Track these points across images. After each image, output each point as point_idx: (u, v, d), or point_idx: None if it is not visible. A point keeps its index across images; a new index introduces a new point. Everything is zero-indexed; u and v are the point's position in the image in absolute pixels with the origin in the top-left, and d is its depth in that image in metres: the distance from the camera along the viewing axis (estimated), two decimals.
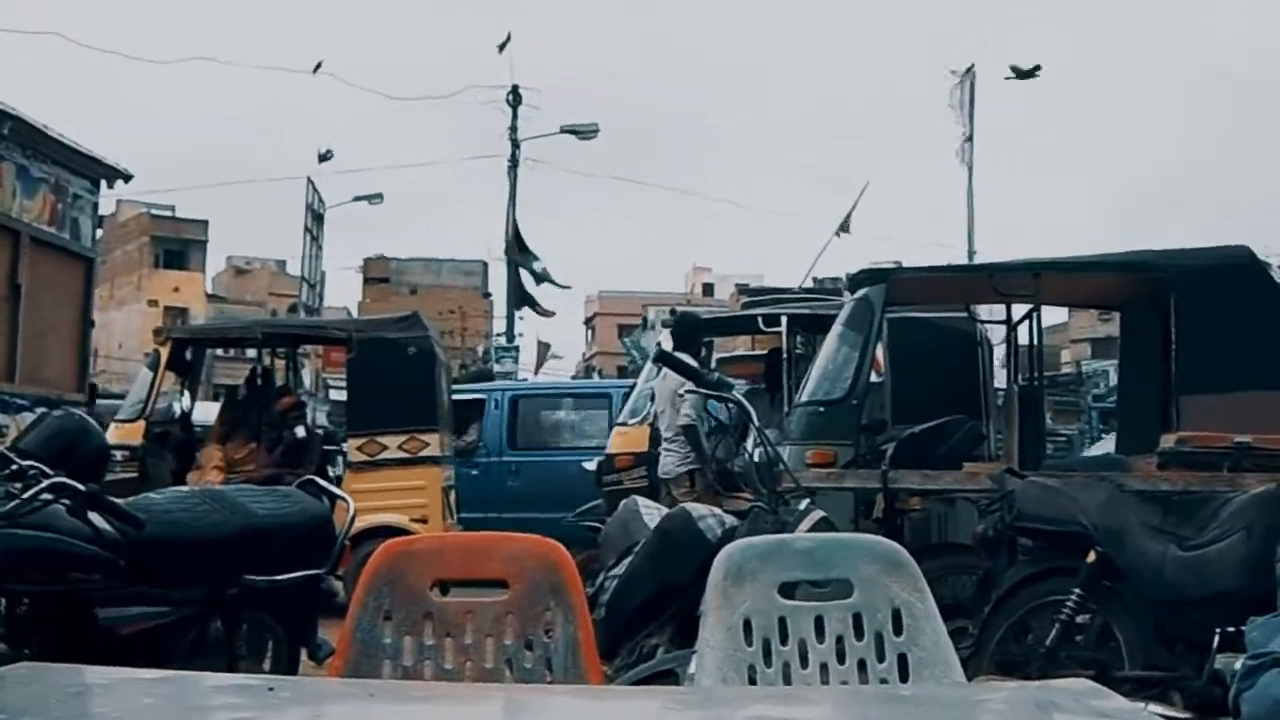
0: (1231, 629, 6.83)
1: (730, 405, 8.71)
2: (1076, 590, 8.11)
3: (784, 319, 15.64)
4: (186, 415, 16.80)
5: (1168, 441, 10.11)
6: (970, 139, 38.64)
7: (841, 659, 4.17)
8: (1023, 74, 40.77)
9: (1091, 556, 8.08)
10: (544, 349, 54.09)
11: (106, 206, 30.70)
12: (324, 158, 43.38)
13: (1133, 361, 13.22)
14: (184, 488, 10.65)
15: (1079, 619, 8.24)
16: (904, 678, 4.09)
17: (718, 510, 7.76)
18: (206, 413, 18.17)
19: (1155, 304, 11.48)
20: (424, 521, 14.85)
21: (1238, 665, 5.81)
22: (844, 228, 31.88)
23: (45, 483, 6.34)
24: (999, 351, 14.74)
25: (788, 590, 4.28)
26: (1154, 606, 7.96)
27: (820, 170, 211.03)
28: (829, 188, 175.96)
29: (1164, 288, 10.95)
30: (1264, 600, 5.98)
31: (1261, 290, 10.77)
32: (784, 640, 4.16)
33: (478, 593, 4.47)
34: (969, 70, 38.18)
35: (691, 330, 14.74)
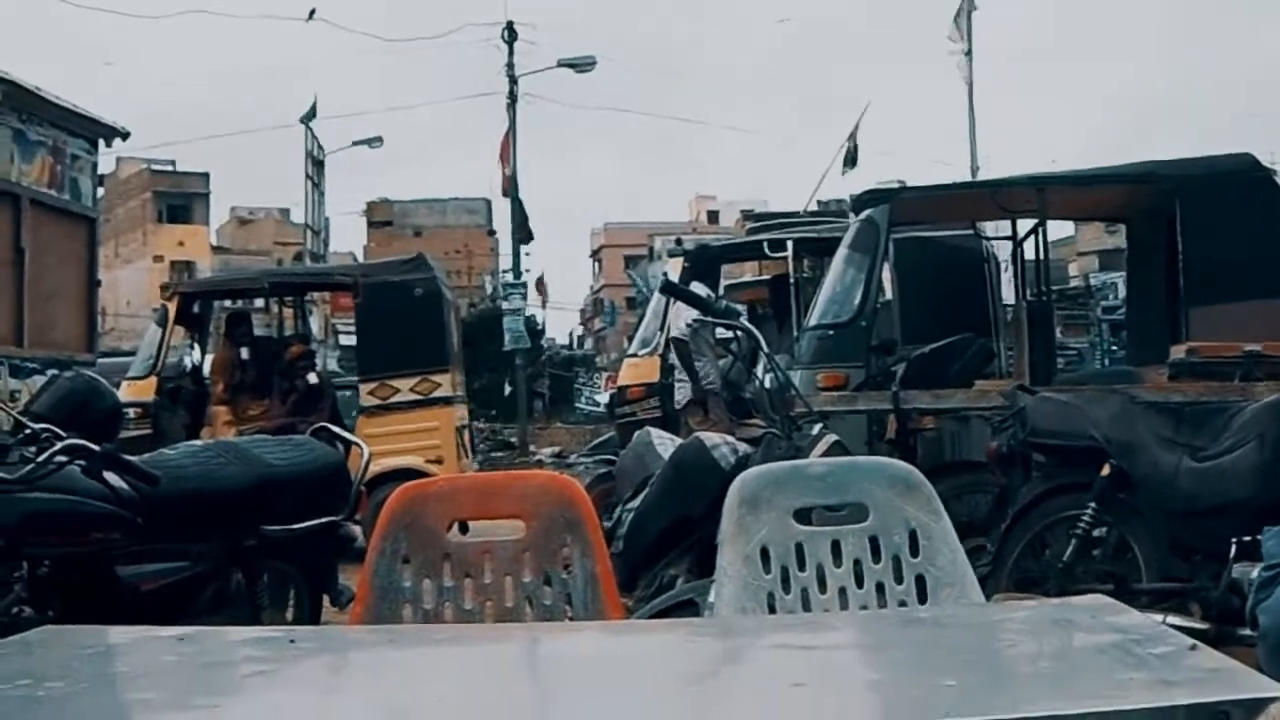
0: (1247, 538, 6.83)
1: (739, 332, 8.70)
2: (1092, 504, 8.11)
3: (790, 243, 15.62)
4: (197, 369, 16.81)
5: (1178, 352, 10.11)
6: (969, 53, 38.43)
7: (859, 582, 4.18)
8: None
9: (1106, 470, 8.07)
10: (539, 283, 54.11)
11: (106, 165, 30.73)
12: (308, 117, 43.10)
13: (1140, 273, 13.19)
14: (198, 442, 10.66)
15: (1095, 533, 8.24)
16: (922, 599, 4.10)
17: (731, 438, 7.78)
18: None
19: (1160, 215, 11.43)
20: (439, 462, 14.88)
21: (1254, 574, 5.82)
22: (851, 160, 31.78)
23: (59, 445, 6.35)
24: (1007, 267, 14.72)
25: (803, 516, 4.28)
26: (1169, 518, 7.96)
27: (821, 92, 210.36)
28: (831, 109, 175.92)
29: (1168, 198, 10.91)
30: (1278, 508, 5.98)
31: (1266, 197, 10.73)
32: (801, 566, 4.17)
33: (495, 531, 4.49)
34: None
35: (709, 261, 14.76)
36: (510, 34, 43.33)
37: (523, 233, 44.03)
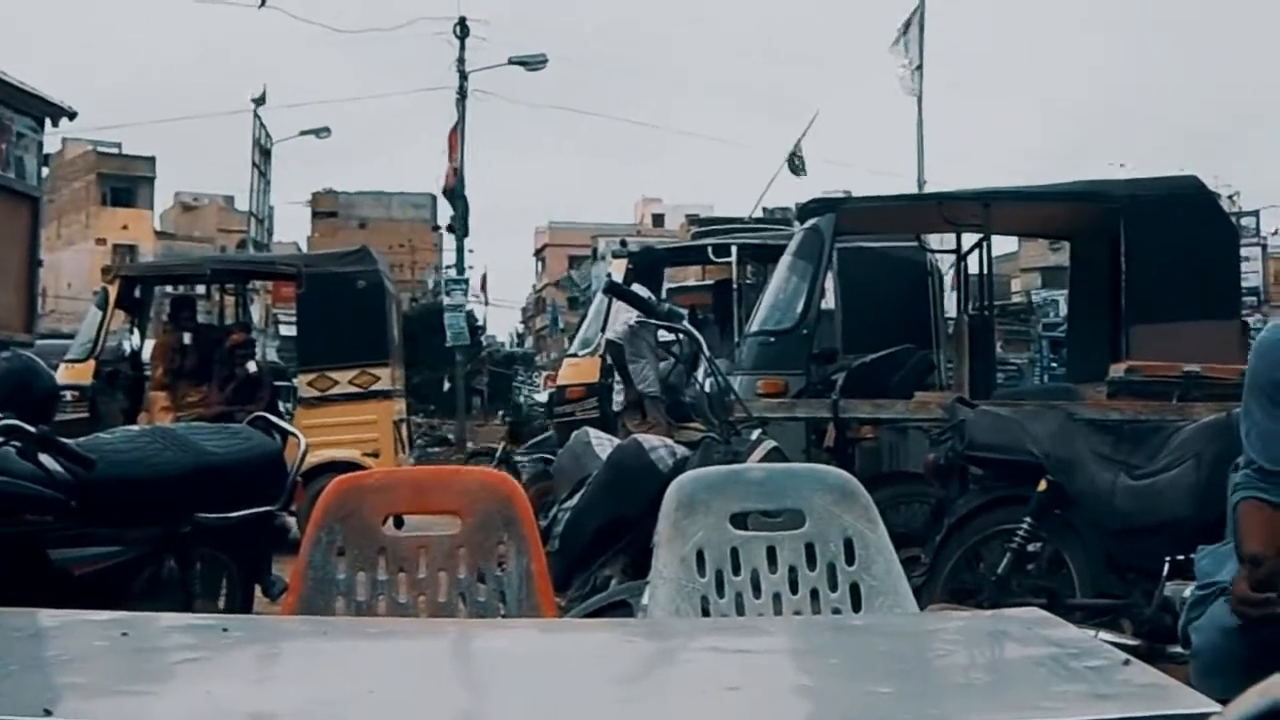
0: (1181, 557, 6.86)
1: (681, 336, 8.71)
2: (1028, 519, 8.14)
3: (734, 249, 15.68)
4: (136, 354, 16.75)
5: (1117, 370, 10.16)
6: (920, 68, 38.56)
7: (794, 589, 4.18)
8: None
9: (1043, 485, 8.09)
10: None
11: (51, 145, 30.51)
12: (258, 101, 43.00)
13: (1083, 291, 13.26)
14: (135, 427, 10.61)
15: (1030, 547, 8.27)
16: (856, 607, 4.10)
17: (669, 441, 7.78)
18: None
19: (1105, 233, 11.50)
20: (376, 456, 14.86)
21: (1187, 593, 5.83)
22: (798, 167, 31.82)
23: None
24: (949, 281, 14.79)
25: (740, 521, 4.28)
26: (1104, 534, 7.99)
27: (769, 100, 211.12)
28: (778, 117, 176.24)
29: (1113, 217, 10.98)
30: (1213, 528, 5.99)
31: (1210, 220, 10.83)
32: (736, 571, 4.17)
33: (431, 526, 4.48)
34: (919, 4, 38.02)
35: (653, 263, 14.77)
36: (462, 29, 43.27)
37: (464, 228, 43.97)
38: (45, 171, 22.48)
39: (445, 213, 52.75)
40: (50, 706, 2.39)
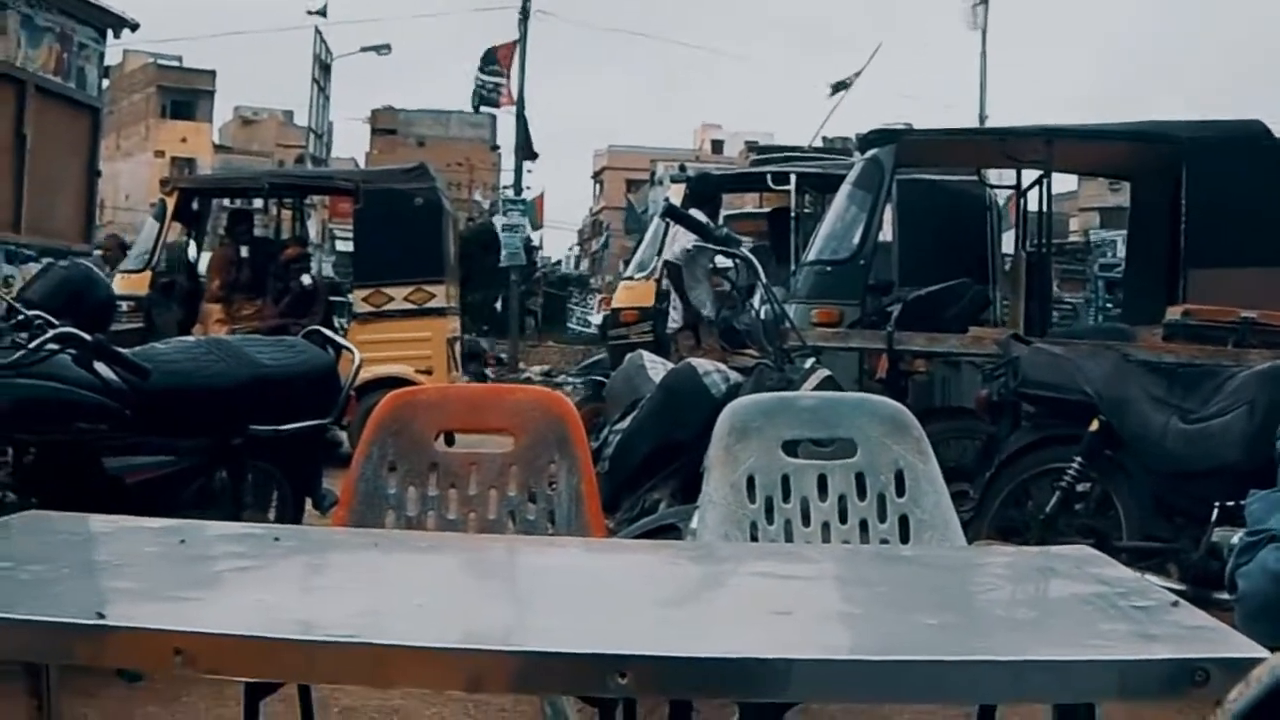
0: (1230, 503, 6.83)
1: (738, 261, 8.67)
2: (1078, 458, 8.10)
3: (793, 177, 15.61)
4: (193, 266, 16.79)
5: (1174, 314, 10.08)
6: (985, 2, 38.31)
7: (843, 518, 4.18)
8: None
9: (1094, 425, 8.05)
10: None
11: (113, 57, 30.56)
12: (318, 12, 43.08)
13: (1141, 232, 13.16)
14: (190, 338, 10.66)
15: (1079, 487, 8.24)
16: (905, 539, 4.10)
17: (723, 366, 7.75)
18: None
19: (1166, 175, 11.40)
20: (429, 373, 14.90)
21: (1235, 539, 5.81)
22: (843, 85, 31.70)
23: (51, 333, 6.35)
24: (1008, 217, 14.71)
25: (791, 448, 4.28)
26: (1154, 477, 7.95)
27: (832, 31, 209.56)
28: (841, 49, 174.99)
29: (1176, 159, 10.88)
30: (1264, 475, 5.97)
31: (1273, 165, 10.71)
32: (786, 498, 4.17)
33: (482, 444, 4.49)
34: None
35: (711, 189, 14.74)
36: None
37: (526, 150, 43.96)
38: (106, 83, 22.54)
39: (505, 133, 52.74)
40: (102, 610, 2.41)
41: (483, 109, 49.78)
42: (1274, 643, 2.21)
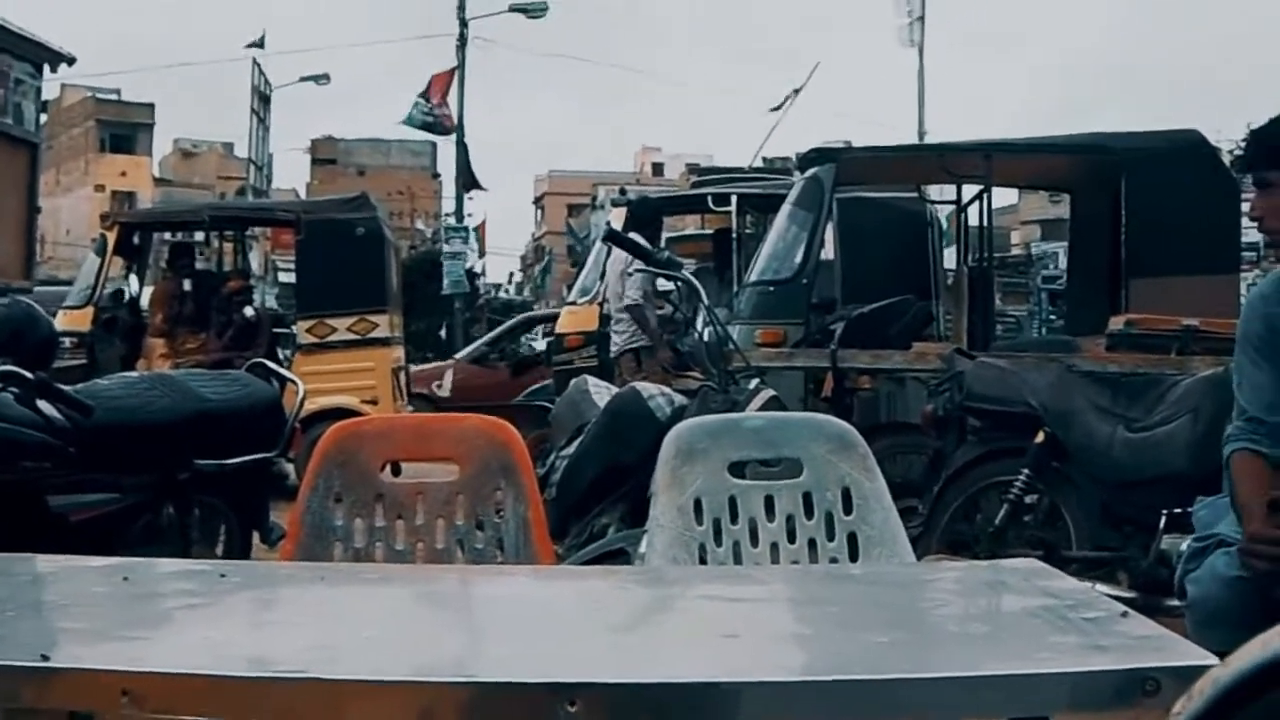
0: (1178, 510, 6.85)
1: (680, 284, 8.69)
2: (1025, 470, 8.13)
3: (734, 198, 15.64)
4: (135, 300, 16.71)
5: (1116, 324, 10.14)
6: (921, 19, 38.51)
7: (792, 538, 4.18)
8: None
9: (1040, 437, 8.08)
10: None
11: (50, 91, 30.47)
12: (257, 44, 43.03)
13: (1082, 244, 13.24)
14: (133, 373, 10.62)
15: (1027, 499, 8.26)
16: (854, 556, 4.10)
17: (668, 389, 7.76)
18: None
19: (1106, 186, 11.48)
20: (374, 403, 14.86)
21: (1184, 546, 5.83)
22: (782, 103, 31.84)
23: None
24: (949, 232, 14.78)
25: (738, 469, 4.28)
26: (1101, 487, 7.98)
27: (769, 52, 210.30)
28: (778, 68, 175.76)
29: (1115, 170, 10.97)
30: (1210, 481, 5.98)
31: (1211, 174, 10.80)
32: (734, 519, 4.17)
33: (429, 473, 4.48)
34: None
35: (652, 212, 14.74)
36: None
37: (469, 179, 43.96)
38: (44, 118, 22.49)
39: (445, 160, 52.73)
40: (48, 651, 2.39)
41: (425, 135, 49.79)
42: (1225, 648, 2.22)
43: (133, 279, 16.98)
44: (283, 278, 46.44)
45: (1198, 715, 1.83)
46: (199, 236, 20.44)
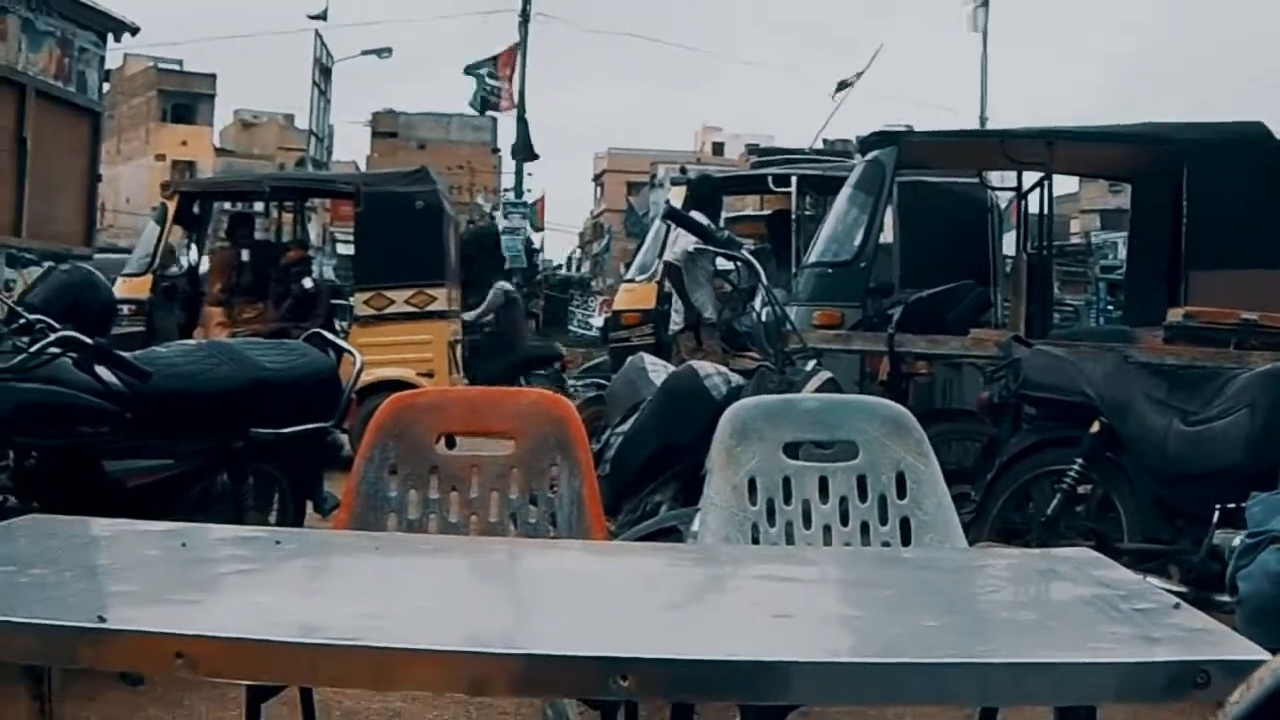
0: (1232, 505, 6.82)
1: (739, 263, 8.66)
2: (1079, 460, 8.09)
3: (794, 179, 15.58)
4: (194, 269, 16.77)
5: (1175, 316, 10.07)
6: (985, 3, 38.34)
7: (844, 520, 4.17)
8: None
9: (1095, 427, 8.04)
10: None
11: (113, 60, 30.56)
12: (318, 16, 43.10)
13: (1142, 234, 13.14)
14: (191, 341, 10.65)
15: (1080, 489, 8.23)
16: (906, 541, 4.10)
17: (724, 369, 7.75)
18: None
19: (1167, 177, 11.39)
20: (430, 375, 14.88)
21: (1236, 541, 5.81)
22: (844, 85, 31.74)
23: (52, 336, 6.35)
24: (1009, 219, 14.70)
25: (792, 450, 4.28)
26: (1155, 479, 7.93)
27: (833, 34, 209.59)
28: (841, 51, 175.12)
29: (1177, 160, 10.88)
30: (1266, 477, 5.97)
31: (1274, 167, 10.70)
32: (788, 500, 4.17)
33: (483, 447, 4.49)
34: None
35: (711, 191, 14.72)
36: None
37: (527, 152, 43.98)
38: (106, 86, 22.57)
39: (505, 136, 52.76)
40: (104, 613, 2.41)
41: (485, 113, 49.81)
42: (1275, 644, 2.21)
43: (192, 248, 17.05)
44: (341, 249, 46.54)
45: (1256, 703, 1.82)
46: (259, 207, 20.49)
